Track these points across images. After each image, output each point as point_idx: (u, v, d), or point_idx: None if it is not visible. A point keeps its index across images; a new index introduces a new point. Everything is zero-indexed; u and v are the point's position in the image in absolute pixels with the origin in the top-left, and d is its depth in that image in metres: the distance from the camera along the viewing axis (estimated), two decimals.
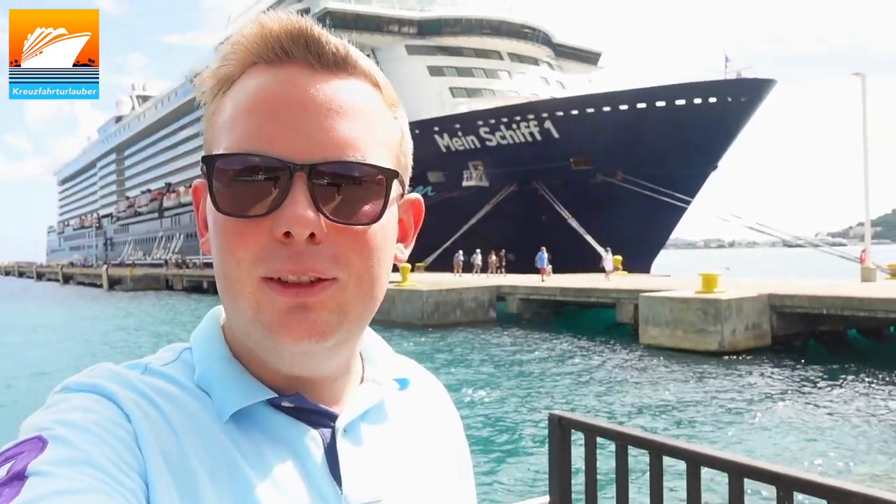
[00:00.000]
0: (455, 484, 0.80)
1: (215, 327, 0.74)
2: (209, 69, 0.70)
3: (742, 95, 37.67)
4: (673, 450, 1.77)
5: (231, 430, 0.65)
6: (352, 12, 50.41)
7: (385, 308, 25.34)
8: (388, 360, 0.81)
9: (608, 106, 39.46)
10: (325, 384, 0.71)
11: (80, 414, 0.59)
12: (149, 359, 0.70)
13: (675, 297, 18.41)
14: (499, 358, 18.19)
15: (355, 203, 0.64)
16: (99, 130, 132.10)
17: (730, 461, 1.64)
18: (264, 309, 0.62)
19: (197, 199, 0.72)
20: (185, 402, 0.65)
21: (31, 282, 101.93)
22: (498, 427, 11.36)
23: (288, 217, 0.60)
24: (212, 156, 0.64)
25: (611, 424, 2.07)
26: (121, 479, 0.55)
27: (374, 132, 0.67)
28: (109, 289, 64.82)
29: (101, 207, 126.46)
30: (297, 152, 0.62)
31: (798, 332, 18.36)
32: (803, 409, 12.28)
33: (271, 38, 0.65)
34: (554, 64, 59.13)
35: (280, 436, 0.67)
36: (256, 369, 0.69)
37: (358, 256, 0.64)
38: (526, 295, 25.55)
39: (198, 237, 0.73)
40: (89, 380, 0.63)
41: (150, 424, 0.61)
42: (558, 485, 2.07)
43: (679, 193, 36.88)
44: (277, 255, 0.61)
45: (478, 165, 44.43)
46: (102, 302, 48.87)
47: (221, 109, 0.67)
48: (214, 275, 0.67)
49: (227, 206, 0.63)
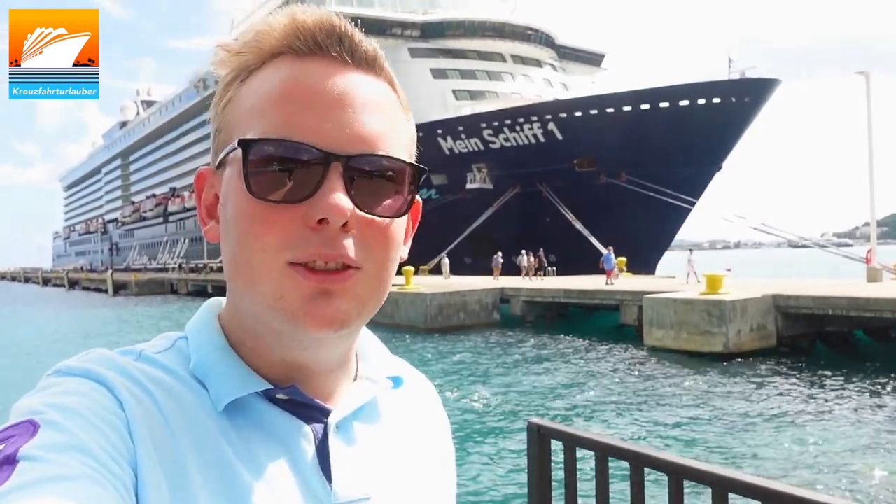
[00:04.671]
0: (439, 484, 0.80)
1: (212, 317, 0.74)
2: (225, 55, 0.70)
3: (746, 96, 37.51)
4: (654, 461, 1.67)
5: (224, 423, 0.65)
6: (354, 15, 49.28)
7: (389, 311, 25.45)
8: (381, 358, 0.82)
9: (612, 107, 39.34)
10: (321, 376, 0.72)
11: (73, 398, 0.58)
12: (143, 346, 0.70)
13: (679, 299, 18.29)
14: (502, 361, 18.08)
15: (383, 196, 0.66)
16: (104, 136, 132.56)
17: (715, 474, 1.53)
18: (287, 295, 0.63)
19: (201, 187, 0.73)
20: (178, 391, 0.65)
21: (37, 287, 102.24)
22: (498, 431, 11.25)
23: (326, 204, 0.61)
24: (249, 139, 0.64)
25: (591, 434, 1.97)
26: (111, 466, 0.55)
27: (398, 132, 0.69)
28: (115, 294, 64.99)
29: (106, 212, 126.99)
30: (334, 143, 0.63)
31: (804, 333, 18.20)
32: (809, 410, 12.15)
33: (304, 30, 0.66)
34: (557, 66, 59.03)
35: (272, 430, 0.67)
36: (254, 360, 0.69)
37: (381, 249, 0.66)
38: (530, 297, 25.45)
39: (202, 234, 0.73)
40: (83, 364, 0.63)
41: (142, 413, 0.61)
42: (537, 496, 1.98)
43: (683, 194, 36.74)
44: (309, 241, 0.62)
45: (481, 168, 44.34)
46: (108, 306, 48.90)
47: (241, 97, 0.68)
48: (226, 261, 0.67)
49: (259, 191, 0.63)
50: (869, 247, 26.04)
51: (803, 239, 40.96)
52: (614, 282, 25.89)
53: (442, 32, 52.83)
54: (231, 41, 0.71)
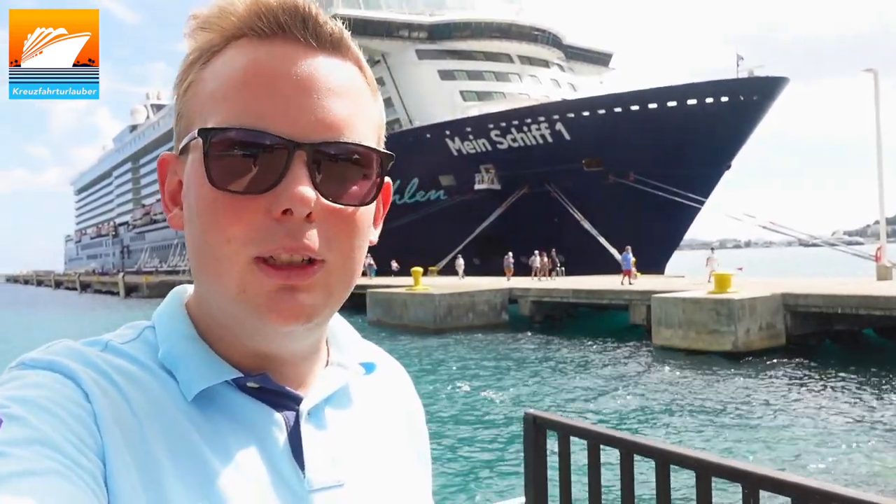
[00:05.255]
0: (414, 469, 0.80)
1: (179, 305, 0.73)
2: (193, 24, 0.68)
3: (754, 94, 37.41)
4: (642, 448, 1.74)
5: (193, 412, 0.64)
6: (361, 18, 50.46)
7: (397, 312, 25.55)
8: (353, 344, 0.81)
9: (619, 107, 39.31)
10: (292, 364, 0.71)
11: (37, 391, 0.57)
12: (108, 336, 0.69)
13: (687, 298, 18.29)
14: (510, 360, 18.13)
15: (350, 184, 0.65)
16: (115, 140, 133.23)
17: (697, 459, 1.60)
18: (250, 290, 0.62)
19: (164, 173, 0.72)
20: (145, 382, 0.64)
21: (49, 290, 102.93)
22: (502, 425, 11.31)
23: (289, 195, 0.60)
24: (209, 128, 0.62)
25: (583, 423, 2.05)
26: (78, 459, 0.54)
27: (365, 116, 0.67)
28: (126, 296, 65.39)
29: (117, 216, 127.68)
30: (297, 130, 0.61)
31: (813, 331, 18.17)
32: (819, 409, 12.13)
33: (266, 11, 0.64)
34: (565, 66, 58.98)
35: (243, 418, 0.66)
36: (222, 348, 0.68)
37: (347, 238, 0.65)
38: (538, 297, 25.44)
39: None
40: (47, 356, 0.61)
41: (109, 404, 0.59)
42: (533, 484, 2.05)
43: (692, 193, 36.69)
44: (272, 234, 0.61)
45: (489, 168, 44.38)
46: (120, 309, 49.22)
47: (202, 80, 0.66)
48: (191, 251, 0.66)
49: (221, 181, 0.61)
50: (878, 245, 25.94)
51: (813, 237, 40.82)
52: (633, 282, 25.61)
53: (449, 34, 52.89)
54: (202, 10, 0.69)
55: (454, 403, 13.25)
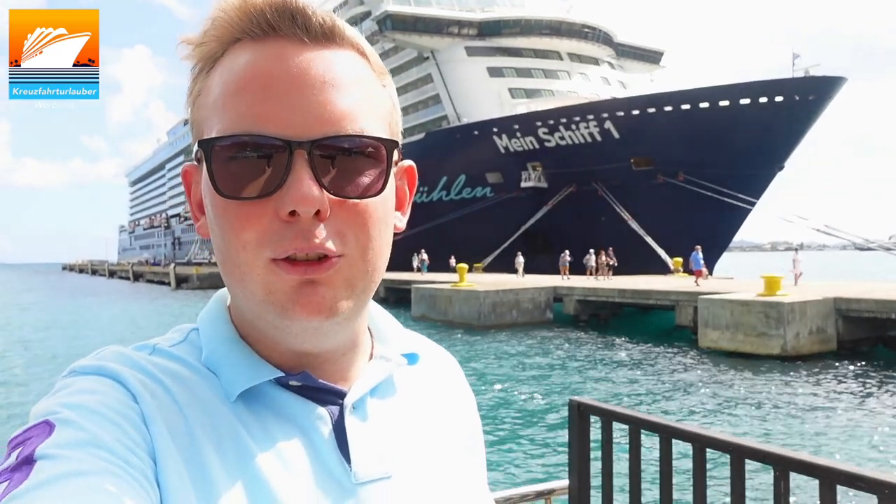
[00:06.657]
0: (464, 459, 0.79)
1: (221, 309, 0.74)
2: (189, 47, 0.69)
3: (810, 94, 36.53)
4: (681, 433, 1.84)
5: (238, 410, 0.65)
6: (412, 15, 50.82)
7: (442, 308, 25.74)
8: (397, 336, 0.81)
9: (670, 106, 38.75)
10: (331, 360, 0.72)
11: (86, 396, 0.59)
12: (157, 340, 0.72)
13: (735, 300, 18.06)
14: (554, 357, 18.17)
15: (357, 176, 0.64)
16: (168, 133, 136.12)
17: (732, 443, 1.70)
18: (275, 289, 0.63)
19: (188, 184, 0.73)
20: (192, 381, 0.66)
21: (104, 279, 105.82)
22: (544, 416, 11.39)
23: (293, 196, 0.60)
24: (208, 139, 0.63)
25: (625, 409, 2.15)
26: (129, 458, 0.55)
27: (369, 103, 0.66)
28: (177, 287, 66.84)
29: (169, 208, 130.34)
30: (295, 129, 0.61)
31: (866, 336, 17.81)
32: (870, 416, 11.93)
33: (255, 12, 0.64)
34: (615, 63, 58.47)
35: (287, 414, 0.67)
36: (263, 349, 0.70)
37: (362, 230, 0.64)
38: (583, 296, 25.34)
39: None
40: (96, 362, 0.64)
41: (157, 403, 0.61)
42: (577, 468, 2.16)
43: (743, 194, 36.06)
44: (284, 236, 0.61)
45: (536, 166, 44.26)
46: (170, 298, 50.45)
47: (207, 90, 0.67)
48: (217, 258, 0.67)
49: (228, 190, 0.62)
50: None
51: (869, 241, 39.72)
52: (700, 283, 24.94)
53: (499, 31, 52.85)
54: (192, 34, 0.69)
55: (500, 394, 13.40)
